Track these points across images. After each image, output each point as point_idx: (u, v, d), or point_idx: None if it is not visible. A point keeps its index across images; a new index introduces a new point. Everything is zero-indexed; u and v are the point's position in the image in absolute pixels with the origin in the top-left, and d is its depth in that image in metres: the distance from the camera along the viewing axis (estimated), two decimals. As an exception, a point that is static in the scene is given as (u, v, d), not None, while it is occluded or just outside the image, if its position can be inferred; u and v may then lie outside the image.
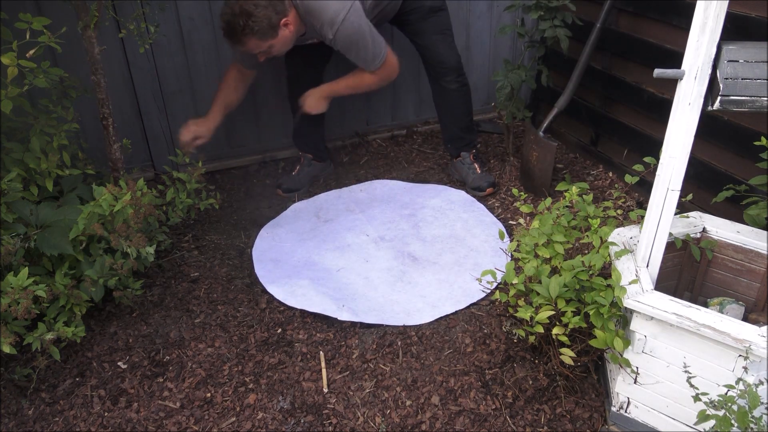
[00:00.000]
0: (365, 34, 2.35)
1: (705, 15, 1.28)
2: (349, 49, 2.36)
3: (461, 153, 2.86)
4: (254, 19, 2.14)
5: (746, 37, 2.02)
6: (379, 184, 2.91)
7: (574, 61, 2.67)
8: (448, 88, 2.69)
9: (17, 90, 1.82)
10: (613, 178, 2.84)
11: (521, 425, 1.72)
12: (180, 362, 1.95)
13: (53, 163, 2.01)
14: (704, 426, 1.49)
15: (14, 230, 1.84)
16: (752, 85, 1.38)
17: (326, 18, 2.26)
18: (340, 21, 2.26)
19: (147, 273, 2.30)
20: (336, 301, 2.14)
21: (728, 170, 2.23)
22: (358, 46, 2.35)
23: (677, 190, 1.45)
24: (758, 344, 1.32)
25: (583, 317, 1.59)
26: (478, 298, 2.16)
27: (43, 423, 1.76)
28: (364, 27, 2.34)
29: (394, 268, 2.35)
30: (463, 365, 1.91)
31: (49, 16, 2.32)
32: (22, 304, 1.64)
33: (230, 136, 3.00)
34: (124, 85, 2.70)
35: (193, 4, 2.65)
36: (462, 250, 2.42)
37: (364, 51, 2.37)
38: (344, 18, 2.27)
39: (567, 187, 1.82)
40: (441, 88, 2.71)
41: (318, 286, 2.22)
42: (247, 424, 1.75)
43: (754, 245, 1.69)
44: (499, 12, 3.19)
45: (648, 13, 2.47)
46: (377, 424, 1.74)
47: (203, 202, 2.42)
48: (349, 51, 2.37)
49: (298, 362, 1.94)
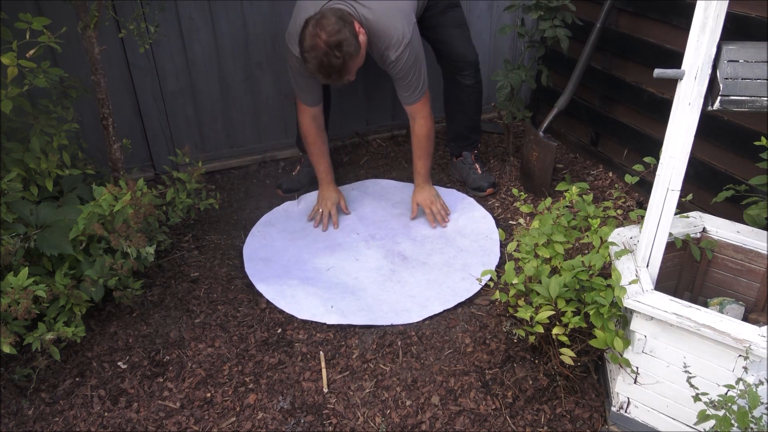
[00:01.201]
0: (422, 58, 2.38)
1: (705, 15, 1.28)
2: (408, 72, 2.35)
3: (463, 153, 2.86)
4: (346, 44, 2.10)
5: (746, 37, 2.02)
6: (371, 183, 2.91)
7: (574, 61, 2.67)
8: (464, 84, 2.68)
9: (17, 90, 1.82)
10: (613, 178, 2.84)
11: (521, 425, 1.72)
12: (180, 362, 1.95)
13: (53, 163, 2.01)
14: (704, 426, 1.49)
15: (14, 230, 1.84)
16: (752, 85, 1.38)
17: (394, 39, 2.27)
18: (405, 43, 2.28)
19: (147, 273, 2.30)
20: (325, 302, 2.15)
21: (728, 170, 2.23)
22: (416, 68, 2.36)
23: (677, 190, 1.45)
24: (758, 344, 1.32)
25: (583, 317, 1.59)
26: (466, 297, 2.17)
27: (43, 423, 1.76)
28: (420, 51, 2.37)
29: (383, 267, 2.35)
30: (463, 365, 1.91)
31: (49, 16, 2.32)
32: (22, 304, 1.64)
33: (230, 136, 3.01)
34: (124, 85, 2.70)
35: (193, 4, 2.65)
36: (451, 251, 2.43)
37: (417, 75, 2.38)
38: (410, 41, 2.29)
39: (567, 187, 1.82)
40: (456, 84, 2.69)
41: (307, 286, 2.22)
42: (247, 424, 1.75)
43: (754, 245, 1.69)
44: (499, 12, 3.19)
45: (648, 13, 2.47)
46: (377, 424, 1.74)
47: (203, 202, 2.42)
48: (407, 74, 2.36)
49: (298, 362, 1.94)
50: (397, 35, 2.27)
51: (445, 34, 2.59)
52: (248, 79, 2.90)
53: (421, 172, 2.59)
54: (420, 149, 2.55)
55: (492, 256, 2.38)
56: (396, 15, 2.29)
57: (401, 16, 2.30)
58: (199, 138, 2.95)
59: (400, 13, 2.30)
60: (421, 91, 2.43)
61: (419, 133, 2.52)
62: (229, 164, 3.05)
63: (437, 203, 2.60)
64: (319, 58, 2.10)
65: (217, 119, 2.94)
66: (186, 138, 2.91)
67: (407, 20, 2.32)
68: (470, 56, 2.64)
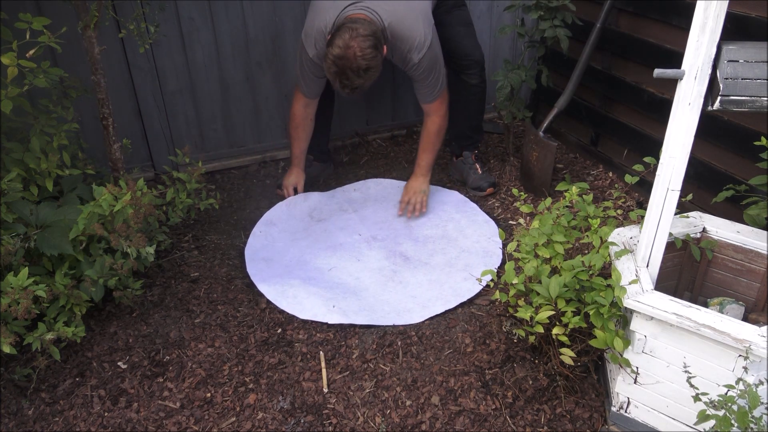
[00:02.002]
0: (441, 59, 2.43)
1: (705, 15, 1.28)
2: (429, 73, 2.41)
3: (464, 152, 2.86)
4: (372, 71, 2.19)
5: (746, 37, 2.02)
6: (373, 183, 2.91)
7: (574, 61, 2.67)
8: (469, 83, 2.68)
9: (17, 90, 1.82)
10: (613, 178, 2.84)
11: (521, 425, 1.72)
12: (180, 362, 1.95)
13: (53, 163, 2.01)
14: (704, 426, 1.49)
15: (14, 230, 1.84)
16: (752, 85, 1.38)
17: (416, 42, 2.31)
18: (427, 46, 2.33)
19: (147, 273, 2.30)
20: (326, 301, 2.14)
21: (728, 170, 2.23)
22: (436, 69, 2.42)
23: (677, 190, 1.45)
24: (758, 344, 1.32)
25: (583, 317, 1.59)
26: (467, 297, 2.17)
27: (43, 423, 1.76)
28: (439, 51, 2.42)
29: (385, 268, 2.35)
30: (463, 365, 1.91)
31: (49, 16, 2.32)
32: (22, 304, 1.64)
33: (230, 136, 3.01)
34: (124, 85, 2.70)
35: (193, 4, 2.65)
36: (453, 251, 2.43)
37: (437, 75, 2.43)
38: (431, 43, 2.34)
39: (567, 187, 1.82)
40: (461, 83, 2.70)
41: (309, 286, 2.22)
42: (247, 424, 1.75)
43: (754, 245, 1.69)
44: (499, 12, 3.19)
45: (648, 13, 2.47)
46: (377, 424, 1.74)
47: (203, 202, 2.42)
48: (428, 75, 2.41)
49: (298, 362, 1.94)
50: (419, 38, 2.31)
51: (452, 32, 2.60)
52: (248, 79, 2.90)
53: (422, 164, 2.64)
54: (428, 143, 2.61)
55: (494, 257, 2.38)
56: (418, 17, 2.32)
57: (422, 18, 2.34)
58: (199, 138, 2.95)
59: (421, 15, 2.34)
60: (439, 90, 2.49)
61: (431, 128, 2.58)
62: (229, 164, 3.05)
63: (419, 196, 2.63)
64: (343, 71, 2.17)
65: (217, 119, 2.94)
66: (186, 138, 2.91)
67: (427, 21, 2.36)
68: (476, 55, 2.65)
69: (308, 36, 2.35)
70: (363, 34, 2.13)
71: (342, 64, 2.15)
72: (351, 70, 2.15)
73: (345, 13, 2.25)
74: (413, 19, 2.31)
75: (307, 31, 2.35)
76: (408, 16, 2.30)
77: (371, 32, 2.16)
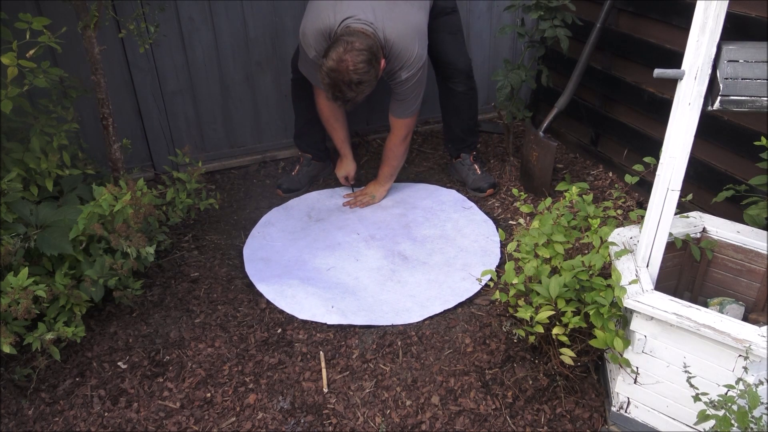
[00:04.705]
0: (425, 80, 2.47)
1: (705, 15, 1.28)
2: (411, 91, 2.45)
3: (461, 154, 2.86)
4: (365, 85, 2.22)
5: (746, 37, 2.02)
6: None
7: (574, 61, 2.67)
8: (455, 90, 2.68)
9: (17, 90, 1.82)
10: (613, 178, 2.84)
11: (521, 425, 1.72)
12: (180, 362, 1.95)
13: (53, 163, 2.01)
14: (704, 426, 1.49)
15: (14, 230, 1.84)
16: (752, 85, 1.38)
17: (409, 61, 2.34)
18: (417, 66, 2.37)
19: (147, 273, 2.30)
20: (325, 302, 2.15)
21: (728, 170, 2.23)
22: (418, 90, 2.47)
23: (677, 190, 1.45)
24: (758, 344, 1.32)
25: (583, 317, 1.59)
26: (466, 297, 2.17)
27: (43, 423, 1.76)
28: (425, 72, 2.45)
29: (383, 268, 2.35)
30: (463, 365, 1.91)
31: (49, 16, 2.32)
32: (22, 304, 1.64)
33: (230, 136, 3.01)
34: (124, 85, 2.70)
35: (193, 4, 2.65)
36: (452, 251, 2.43)
37: (416, 95, 2.48)
38: (422, 64, 2.39)
39: (567, 187, 1.82)
40: (448, 90, 2.70)
41: (307, 286, 2.22)
42: (247, 424, 1.75)
43: (754, 245, 1.69)
44: (499, 12, 3.19)
45: (648, 13, 2.47)
46: (377, 424, 1.74)
47: (203, 202, 2.42)
48: (410, 94, 2.46)
49: (298, 362, 1.94)
50: (413, 57, 2.34)
51: (437, 40, 2.57)
52: (248, 79, 2.90)
53: (382, 174, 2.75)
54: (390, 155, 2.71)
55: (492, 256, 2.38)
56: (415, 37, 2.34)
57: (418, 37, 2.36)
58: (199, 138, 2.95)
59: (417, 34, 2.35)
60: (414, 110, 2.53)
61: (393, 142, 2.65)
62: (229, 164, 3.05)
63: (366, 198, 2.73)
64: (336, 83, 2.18)
65: (217, 119, 2.94)
66: (186, 138, 2.91)
67: (423, 40, 2.38)
68: (460, 64, 2.64)
69: (305, 36, 2.34)
70: (358, 48, 2.14)
71: (335, 77, 2.16)
72: (343, 83, 2.17)
73: (345, 24, 2.25)
74: (411, 38, 2.32)
75: (305, 32, 2.35)
76: (406, 33, 2.31)
77: (366, 47, 2.17)
